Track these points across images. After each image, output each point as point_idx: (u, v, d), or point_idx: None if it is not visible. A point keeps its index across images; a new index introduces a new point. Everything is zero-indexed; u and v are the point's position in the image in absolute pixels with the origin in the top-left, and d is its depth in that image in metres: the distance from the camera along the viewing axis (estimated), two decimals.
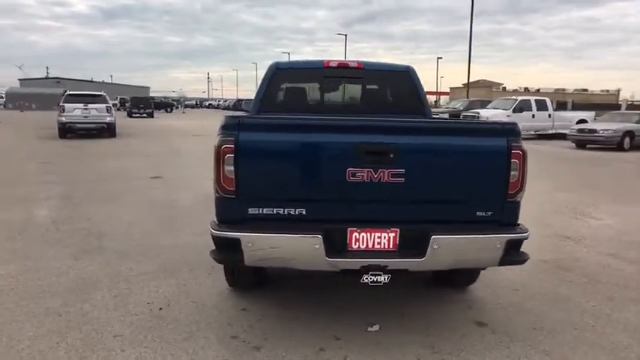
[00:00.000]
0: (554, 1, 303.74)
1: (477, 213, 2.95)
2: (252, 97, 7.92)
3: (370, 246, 2.91)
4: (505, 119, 16.11)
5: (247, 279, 3.73)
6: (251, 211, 2.87)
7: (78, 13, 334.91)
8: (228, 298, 3.68)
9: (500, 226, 2.96)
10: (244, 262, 2.83)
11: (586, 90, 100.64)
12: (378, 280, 2.85)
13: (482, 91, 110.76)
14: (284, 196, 2.88)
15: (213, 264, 4.30)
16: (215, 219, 3.00)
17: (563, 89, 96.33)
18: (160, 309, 3.48)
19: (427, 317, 3.46)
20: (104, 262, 4.42)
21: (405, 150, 2.83)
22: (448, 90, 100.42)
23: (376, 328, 3.24)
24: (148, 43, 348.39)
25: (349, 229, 2.88)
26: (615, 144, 15.53)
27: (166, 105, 53.83)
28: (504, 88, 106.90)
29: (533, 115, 19.31)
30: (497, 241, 2.87)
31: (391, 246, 2.91)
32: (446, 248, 2.83)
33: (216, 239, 2.88)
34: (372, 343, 3.05)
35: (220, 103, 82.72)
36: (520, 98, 20.08)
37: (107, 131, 17.92)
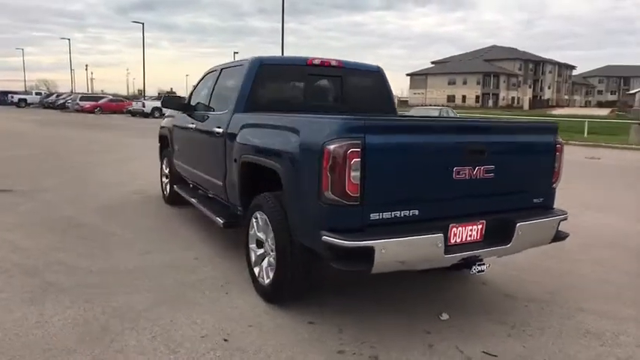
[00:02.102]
0: (327, 6, 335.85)
1: (534, 200, 3.41)
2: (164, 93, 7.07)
3: (464, 239, 3.09)
4: None
5: (298, 290, 3.46)
6: (372, 216, 2.76)
7: None
8: (283, 316, 3.37)
9: (546, 210, 3.47)
10: (372, 269, 2.70)
11: None
12: (482, 269, 3.06)
13: None
14: (401, 198, 2.85)
15: (220, 282, 3.93)
16: (322, 228, 2.76)
17: None
18: (225, 340, 3.02)
19: (465, 298, 3.79)
20: (80, 301, 3.53)
21: (495, 148, 3.10)
22: None
23: (446, 316, 3.43)
24: None
25: (450, 224, 3.01)
26: None
27: None
28: None
29: None
30: (555, 222, 3.37)
31: (478, 237, 3.14)
32: (526, 233, 3.20)
33: (344, 249, 2.67)
34: (459, 330, 3.24)
35: None
36: None
37: None
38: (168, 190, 6.69)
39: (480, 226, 3.13)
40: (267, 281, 3.52)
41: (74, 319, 3.25)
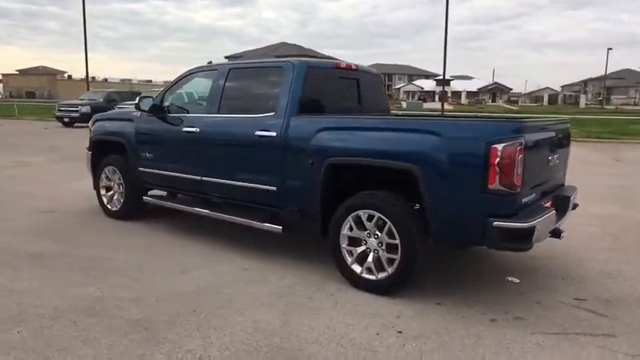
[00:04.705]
0: None
1: (562, 179, 4.41)
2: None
3: None
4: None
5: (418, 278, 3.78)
6: (523, 200, 3.32)
7: None
8: (412, 303, 3.61)
9: (565, 186, 4.51)
10: (531, 246, 3.27)
11: (150, 81, 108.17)
12: (564, 235, 3.86)
13: (45, 79, 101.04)
14: (532, 184, 3.48)
15: (312, 287, 3.98)
16: (489, 215, 3.20)
17: (130, 79, 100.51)
18: (400, 332, 3.19)
19: (506, 265, 4.60)
20: (202, 331, 3.18)
21: (559, 140, 3.98)
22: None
23: (517, 280, 4.18)
24: None
25: (542, 202, 3.76)
26: None
27: None
28: (70, 77, 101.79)
29: None
30: (577, 194, 4.43)
31: None
32: (572, 205, 4.16)
33: (515, 231, 3.16)
34: (539, 288, 3.99)
35: None
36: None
37: None
38: (120, 202, 5.89)
39: (550, 202, 3.96)
40: (380, 275, 3.72)
41: (231, 350, 2.96)
